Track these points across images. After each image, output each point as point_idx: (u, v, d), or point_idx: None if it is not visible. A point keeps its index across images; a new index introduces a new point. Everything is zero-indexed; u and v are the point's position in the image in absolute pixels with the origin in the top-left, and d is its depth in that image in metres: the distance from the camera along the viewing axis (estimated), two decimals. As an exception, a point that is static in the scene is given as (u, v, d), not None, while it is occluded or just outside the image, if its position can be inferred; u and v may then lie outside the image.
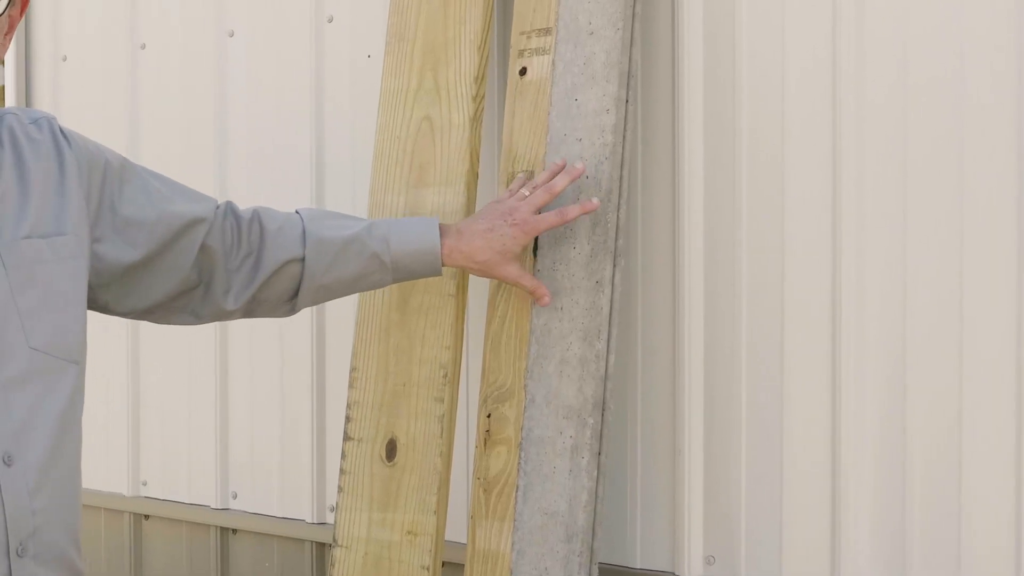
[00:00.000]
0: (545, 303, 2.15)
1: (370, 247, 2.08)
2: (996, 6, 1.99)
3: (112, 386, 3.22)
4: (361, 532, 2.35)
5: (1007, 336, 1.99)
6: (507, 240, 2.08)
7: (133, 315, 2.01)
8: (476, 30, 2.35)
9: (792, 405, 2.19)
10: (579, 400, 2.13)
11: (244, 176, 2.95)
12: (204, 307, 2.04)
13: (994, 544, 2.01)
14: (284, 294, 2.09)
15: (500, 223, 2.08)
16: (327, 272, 2.07)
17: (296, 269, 2.07)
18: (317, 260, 2.06)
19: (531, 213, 2.09)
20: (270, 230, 2.06)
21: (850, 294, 2.12)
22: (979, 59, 2.01)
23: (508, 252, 2.08)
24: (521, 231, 2.08)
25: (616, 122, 2.16)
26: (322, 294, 2.11)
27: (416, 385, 2.32)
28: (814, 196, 2.16)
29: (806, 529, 2.17)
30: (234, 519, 3.00)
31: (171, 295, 2.00)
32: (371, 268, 2.09)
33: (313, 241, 2.06)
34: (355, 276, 2.10)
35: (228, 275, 2.04)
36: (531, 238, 2.10)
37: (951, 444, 2.04)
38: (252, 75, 2.95)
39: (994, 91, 1.99)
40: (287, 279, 2.07)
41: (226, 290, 2.04)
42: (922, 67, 2.06)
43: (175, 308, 2.03)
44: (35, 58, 3.40)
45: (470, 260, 2.09)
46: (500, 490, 2.19)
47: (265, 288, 2.06)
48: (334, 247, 2.07)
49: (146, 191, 1.95)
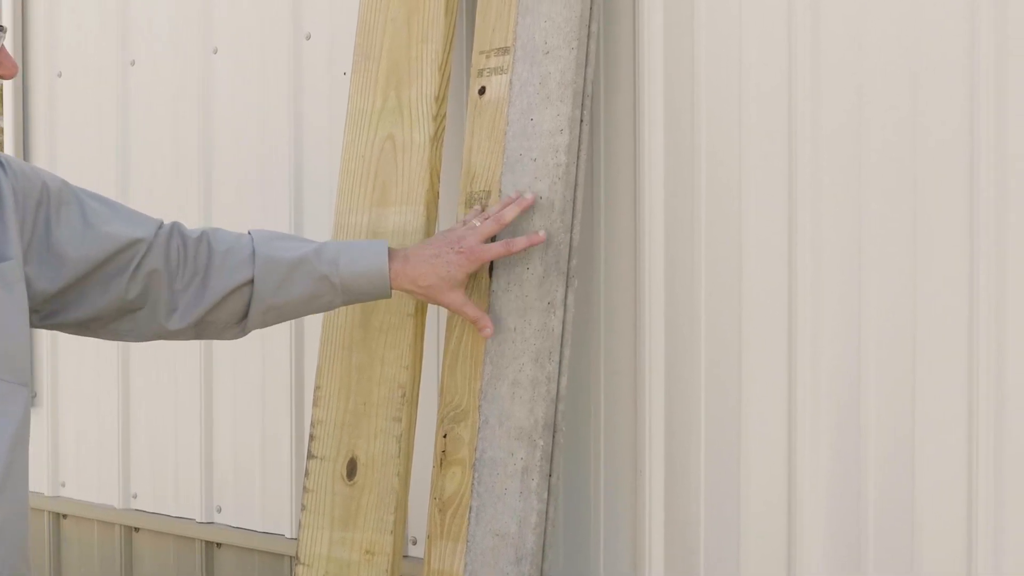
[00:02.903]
0: (487, 335, 2.16)
1: (319, 269, 2.09)
2: (951, 36, 1.97)
3: (103, 403, 3.26)
4: (322, 550, 2.36)
5: (958, 355, 1.96)
6: (452, 267, 2.10)
7: (66, 328, 2.04)
8: (437, 49, 2.35)
9: (750, 425, 2.17)
10: (530, 422, 2.12)
11: (230, 189, 2.98)
12: (146, 327, 2.06)
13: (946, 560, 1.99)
14: (233, 316, 2.10)
15: (447, 250, 2.10)
16: (276, 294, 2.09)
17: (246, 291, 2.08)
18: (266, 282, 2.08)
19: (478, 242, 2.11)
20: (218, 251, 2.07)
21: (805, 315, 2.10)
22: (933, 88, 1.98)
23: (452, 279, 2.10)
24: (466, 259, 2.10)
25: (570, 142, 2.15)
26: (272, 316, 2.12)
27: (376, 404, 2.32)
28: (771, 217, 2.14)
29: (763, 544, 2.16)
30: (218, 533, 3.02)
31: (106, 313, 2.02)
32: (321, 290, 2.10)
33: (262, 262, 2.08)
34: (305, 298, 2.11)
35: (174, 296, 2.06)
36: (476, 266, 2.12)
37: (904, 460, 2.02)
38: (235, 90, 2.97)
39: (948, 110, 1.97)
40: (237, 301, 2.08)
41: (171, 311, 2.06)
42: (876, 94, 2.04)
43: (113, 328, 2.05)
44: (31, 74, 3.45)
45: (415, 284, 2.11)
46: (455, 511, 2.19)
47: (215, 311, 2.08)
48: (283, 268, 2.08)
49: (83, 213, 1.97)
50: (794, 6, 2.11)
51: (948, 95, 1.97)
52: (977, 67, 1.93)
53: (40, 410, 3.44)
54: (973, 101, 1.94)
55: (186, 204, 3.00)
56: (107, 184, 3.21)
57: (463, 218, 2.20)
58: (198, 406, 3.05)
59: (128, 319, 2.05)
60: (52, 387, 3.41)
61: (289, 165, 2.84)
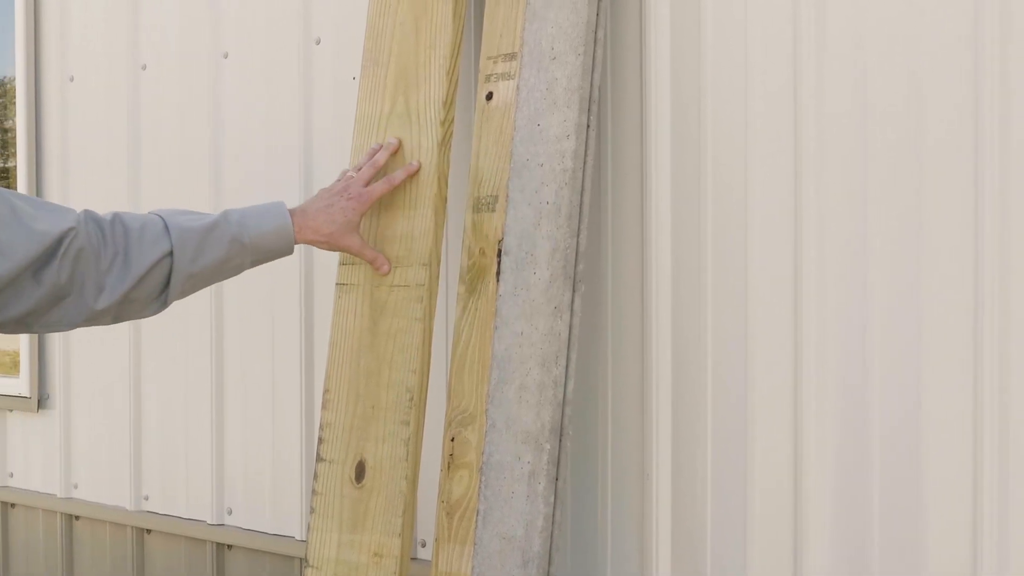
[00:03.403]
0: (384, 271, 2.37)
1: (229, 231, 2.22)
2: (953, 32, 1.97)
3: (115, 405, 3.28)
4: (331, 553, 2.37)
5: (964, 348, 1.97)
6: (348, 212, 2.31)
7: (5, 328, 2.11)
8: (445, 55, 2.36)
9: (756, 428, 2.18)
10: (537, 426, 2.13)
11: (237, 190, 2.99)
12: (76, 313, 2.14)
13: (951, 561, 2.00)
14: (155, 290, 2.19)
15: (337, 199, 2.32)
16: (194, 262, 2.19)
17: (166, 263, 2.17)
18: (184, 251, 2.18)
19: (362, 186, 2.33)
20: (133, 229, 2.16)
21: (810, 318, 2.11)
22: (936, 78, 1.99)
23: (349, 223, 2.32)
24: (357, 202, 2.32)
25: (576, 148, 2.16)
26: (190, 284, 2.22)
27: (384, 408, 2.34)
28: (776, 220, 2.15)
29: (769, 547, 2.17)
30: (229, 535, 3.04)
31: (41, 304, 2.09)
32: (232, 252, 2.23)
33: (177, 233, 2.18)
34: (219, 262, 2.22)
35: (99, 276, 2.13)
36: (367, 207, 2.34)
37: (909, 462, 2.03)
38: (245, 94, 2.99)
39: (951, 109, 1.98)
40: (158, 274, 2.17)
41: (99, 291, 2.13)
42: (880, 94, 2.04)
43: (45, 321, 2.12)
44: (44, 79, 3.47)
45: (317, 233, 2.30)
46: (462, 514, 2.20)
47: (138, 286, 2.16)
48: (196, 236, 2.19)
49: (14, 212, 2.04)
50: (799, 12, 2.12)
51: (951, 94, 1.98)
52: (981, 62, 1.94)
53: (52, 413, 3.47)
54: (977, 99, 1.95)
55: (195, 206, 3.00)
56: (118, 187, 3.24)
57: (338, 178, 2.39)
58: (209, 409, 3.07)
59: (58, 308, 2.11)
60: (64, 390, 3.43)
61: (298, 168, 2.85)
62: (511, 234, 2.19)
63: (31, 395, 3.49)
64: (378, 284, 2.38)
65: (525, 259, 2.18)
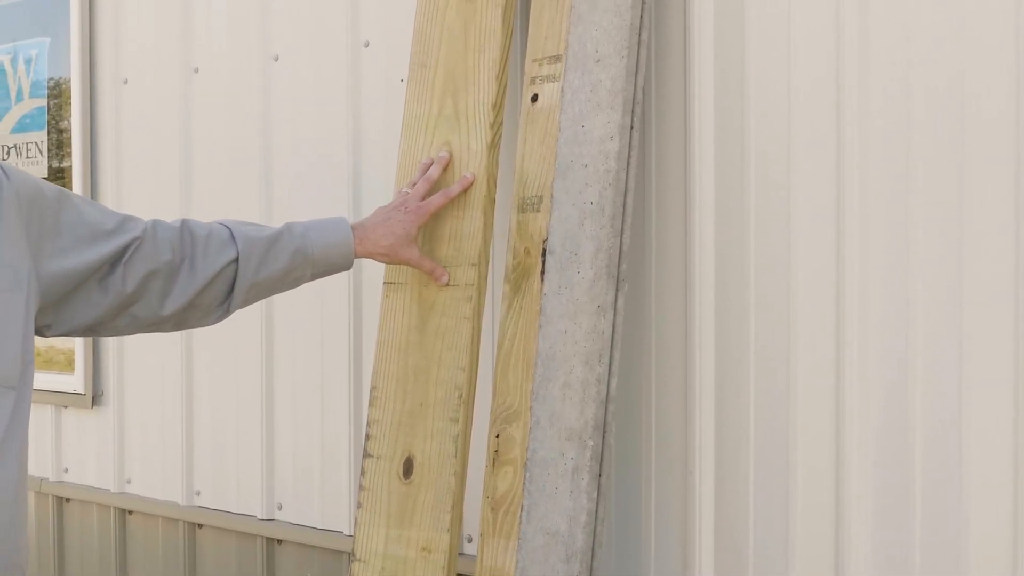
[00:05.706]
0: (443, 282, 2.40)
1: (293, 243, 2.26)
2: (998, 21, 1.99)
3: (167, 402, 3.34)
4: (378, 547, 2.41)
5: (1005, 346, 1.98)
6: (406, 225, 2.35)
7: (74, 333, 2.15)
8: (495, 59, 2.40)
9: (798, 426, 2.20)
10: (580, 422, 2.17)
11: (287, 192, 3.04)
12: (143, 318, 2.18)
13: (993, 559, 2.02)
14: (219, 296, 2.22)
15: (395, 213, 2.36)
16: (258, 270, 2.23)
17: (231, 270, 2.21)
18: (249, 259, 2.22)
19: (418, 200, 2.37)
20: (200, 236, 2.20)
21: (853, 315, 2.13)
22: (981, 74, 2.01)
23: (408, 236, 2.35)
24: (415, 215, 2.35)
25: (620, 149, 2.20)
26: (253, 293, 2.26)
27: (432, 405, 2.38)
28: (820, 219, 2.17)
29: (811, 543, 2.19)
30: (279, 530, 3.09)
31: (109, 312, 2.13)
32: (295, 263, 2.27)
33: (243, 242, 2.22)
34: (282, 272, 2.26)
35: (165, 283, 2.17)
36: (424, 219, 2.37)
37: (951, 460, 2.04)
38: (295, 97, 3.04)
39: (995, 105, 1.99)
40: (223, 281, 2.21)
41: (164, 296, 2.17)
42: (924, 89, 2.06)
43: (115, 325, 2.17)
44: (99, 81, 3.53)
45: (377, 246, 2.34)
46: (507, 509, 2.24)
47: (204, 292, 2.20)
48: (262, 245, 2.23)
49: (81, 218, 2.08)
50: (842, 9, 2.14)
51: (997, 88, 1.99)
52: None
53: (106, 409, 3.53)
54: (1019, 94, 1.96)
55: (246, 207, 3.07)
56: (171, 187, 3.29)
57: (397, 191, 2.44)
58: (259, 405, 3.11)
59: (126, 315, 2.16)
60: (118, 387, 3.49)
61: (347, 169, 2.90)
62: (555, 234, 2.23)
63: (86, 392, 3.55)
64: (426, 283, 2.42)
65: (569, 259, 2.21)
